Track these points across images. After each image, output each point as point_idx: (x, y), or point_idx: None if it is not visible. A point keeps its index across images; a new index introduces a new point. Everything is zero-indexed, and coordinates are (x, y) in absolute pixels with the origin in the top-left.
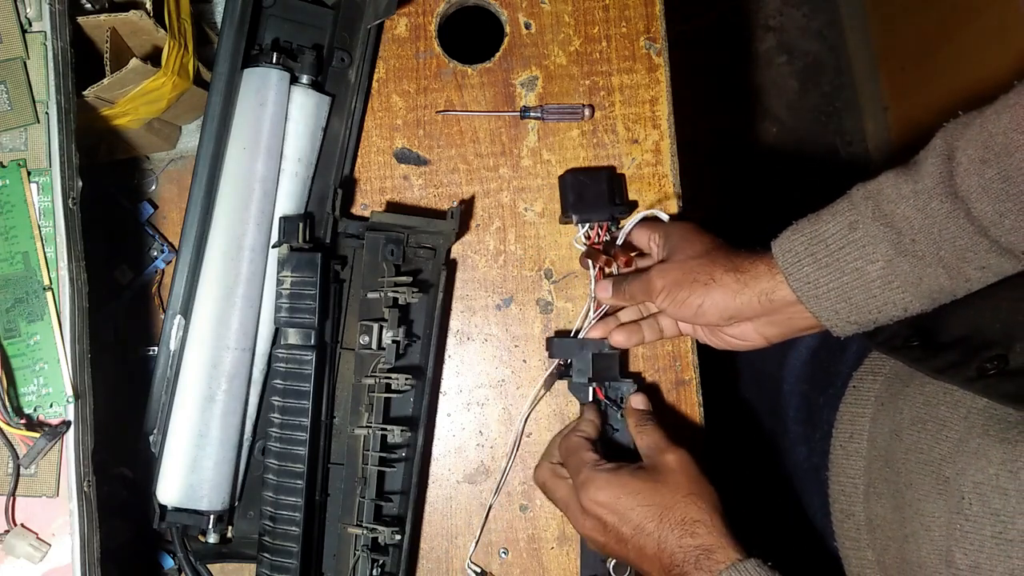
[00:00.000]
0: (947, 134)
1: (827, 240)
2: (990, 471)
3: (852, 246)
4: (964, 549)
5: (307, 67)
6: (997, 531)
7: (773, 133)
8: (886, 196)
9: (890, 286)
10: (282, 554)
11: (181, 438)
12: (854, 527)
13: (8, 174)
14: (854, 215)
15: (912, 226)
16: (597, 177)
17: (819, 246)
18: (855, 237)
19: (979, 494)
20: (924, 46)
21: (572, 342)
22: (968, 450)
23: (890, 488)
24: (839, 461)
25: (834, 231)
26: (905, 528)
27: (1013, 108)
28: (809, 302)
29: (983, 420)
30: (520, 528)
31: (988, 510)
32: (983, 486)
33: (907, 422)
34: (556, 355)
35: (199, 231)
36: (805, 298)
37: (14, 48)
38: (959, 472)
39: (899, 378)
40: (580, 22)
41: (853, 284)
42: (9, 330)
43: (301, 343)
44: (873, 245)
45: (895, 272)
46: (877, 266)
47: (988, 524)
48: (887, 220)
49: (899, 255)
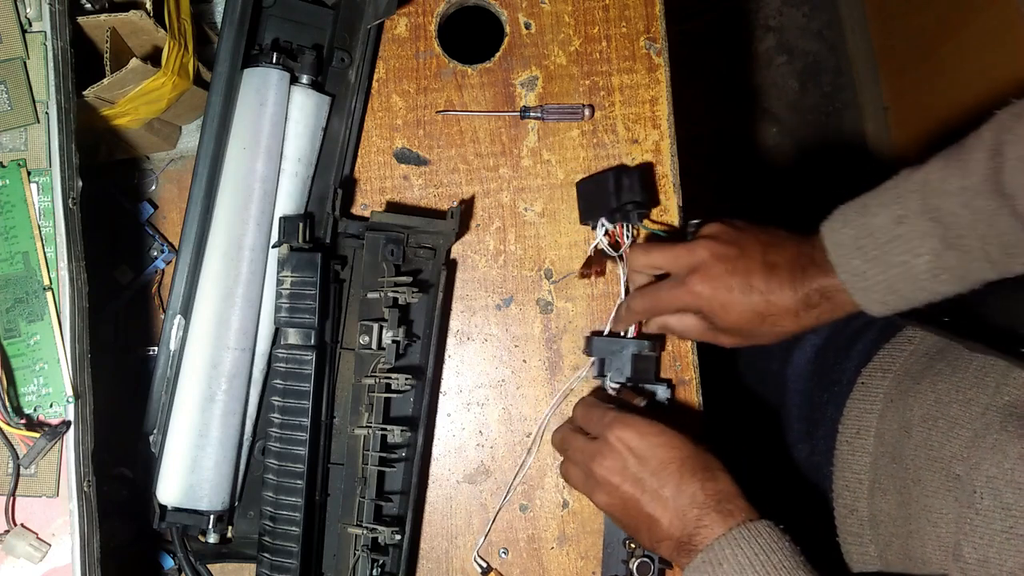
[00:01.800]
0: (997, 125)
1: (875, 233)
2: (1006, 465)
3: (899, 240)
4: (973, 543)
5: (307, 67)
6: (1008, 525)
7: (773, 133)
8: (933, 189)
9: (937, 279)
10: (282, 554)
11: (181, 438)
12: (857, 522)
13: (8, 174)
14: (901, 208)
15: (959, 222)
16: (605, 177)
17: (867, 240)
18: (902, 231)
19: (992, 488)
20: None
21: (612, 341)
22: (984, 445)
23: (896, 484)
24: (844, 457)
25: (881, 224)
26: (910, 524)
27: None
28: (857, 295)
29: (1001, 417)
30: (520, 528)
31: (1000, 504)
32: (997, 480)
33: (917, 419)
34: (594, 354)
35: (199, 231)
36: (854, 291)
37: (14, 48)
38: (972, 467)
39: (910, 376)
40: (580, 22)
41: (900, 276)
42: (9, 330)
43: (301, 343)
44: (920, 240)
45: (942, 266)
46: (924, 260)
47: (999, 518)
48: (934, 215)
49: (946, 249)
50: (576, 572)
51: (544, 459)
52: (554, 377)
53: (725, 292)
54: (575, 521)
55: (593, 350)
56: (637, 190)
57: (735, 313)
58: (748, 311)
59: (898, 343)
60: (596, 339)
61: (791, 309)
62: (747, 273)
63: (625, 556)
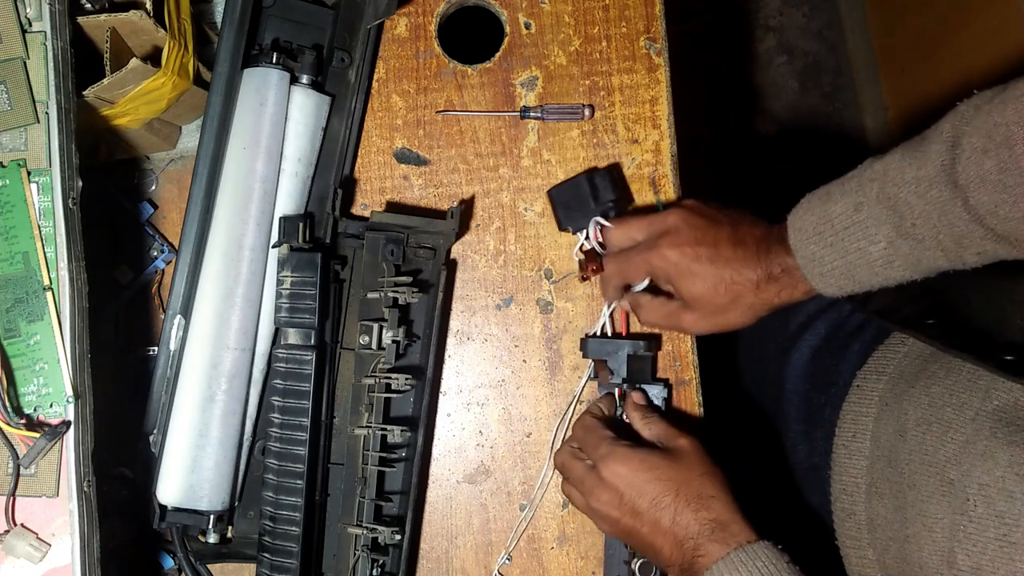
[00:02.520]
0: (957, 118)
1: (833, 220)
2: (997, 473)
3: (856, 227)
4: (967, 551)
5: (307, 67)
6: (1001, 533)
7: (773, 133)
8: (891, 179)
9: (891, 265)
10: (282, 554)
11: (181, 438)
12: (855, 526)
13: (8, 174)
14: (860, 196)
15: (913, 211)
16: (578, 182)
17: (826, 226)
18: (860, 218)
19: (984, 496)
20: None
21: (607, 342)
22: (975, 452)
23: (892, 488)
24: (841, 460)
25: (841, 211)
26: (907, 528)
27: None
28: (813, 279)
29: (991, 423)
30: (520, 529)
31: (993, 512)
32: (989, 488)
33: (912, 423)
34: (590, 355)
35: (199, 231)
36: (810, 275)
37: (14, 48)
38: (964, 474)
39: (904, 378)
40: (580, 22)
41: (856, 263)
42: (9, 330)
43: (301, 343)
44: (876, 227)
45: (896, 253)
46: (879, 247)
47: (992, 526)
48: (890, 203)
49: (900, 237)
50: (576, 572)
51: (544, 460)
52: (554, 377)
53: (693, 258)
54: (575, 521)
55: (588, 351)
56: (612, 189)
57: (700, 280)
58: (713, 278)
59: (892, 345)
60: (591, 340)
61: (753, 280)
62: (715, 242)
63: (627, 556)
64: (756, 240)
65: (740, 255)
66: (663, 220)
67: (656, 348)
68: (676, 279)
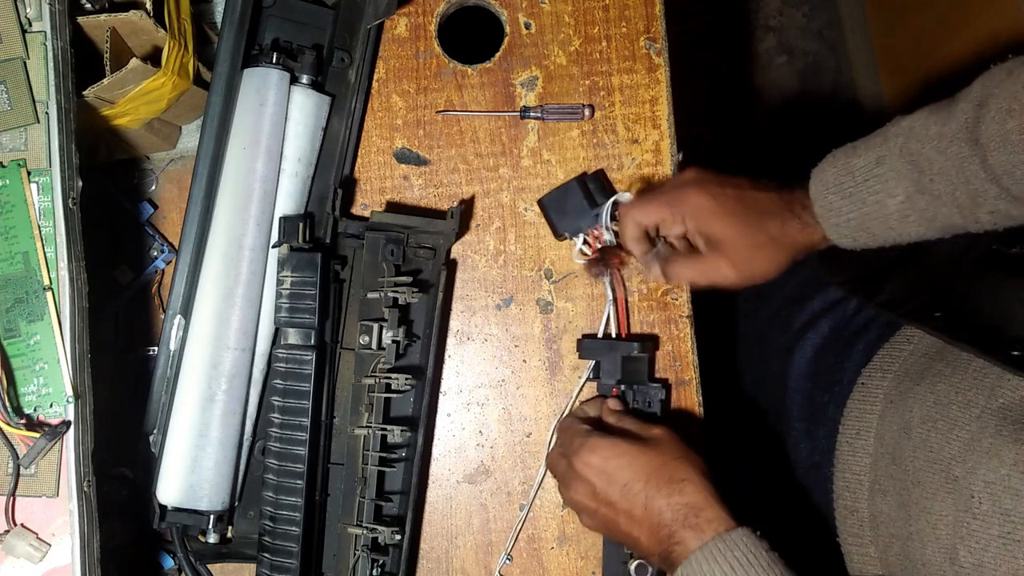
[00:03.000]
0: (987, 79)
1: (855, 172)
2: (1002, 471)
3: (876, 179)
4: (969, 547)
5: (307, 67)
6: (1006, 531)
7: (773, 133)
8: (915, 135)
9: (907, 220)
10: (282, 554)
11: (181, 438)
12: (857, 523)
13: (8, 174)
14: (883, 150)
15: (932, 166)
16: (569, 188)
17: (847, 177)
18: (880, 171)
19: (990, 494)
20: (924, 46)
21: (602, 343)
22: (980, 449)
23: (896, 486)
24: (845, 457)
25: (863, 164)
26: (910, 526)
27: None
28: (830, 230)
29: (996, 420)
30: (519, 528)
31: (998, 510)
32: (994, 486)
33: (917, 420)
34: (585, 356)
35: (199, 231)
36: (826, 225)
37: (14, 48)
38: (969, 471)
39: (909, 376)
40: (580, 22)
41: (872, 215)
42: (9, 330)
43: (301, 343)
44: (896, 180)
45: (913, 207)
46: (896, 200)
47: (996, 524)
48: (911, 158)
49: (918, 192)
50: (576, 572)
51: (544, 460)
52: (554, 377)
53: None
54: (575, 521)
55: (584, 352)
56: (604, 192)
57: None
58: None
59: (897, 342)
60: (587, 341)
61: (776, 211)
62: (738, 185)
63: (624, 558)
64: (777, 187)
65: (763, 196)
66: (681, 177)
67: (654, 348)
68: (705, 221)
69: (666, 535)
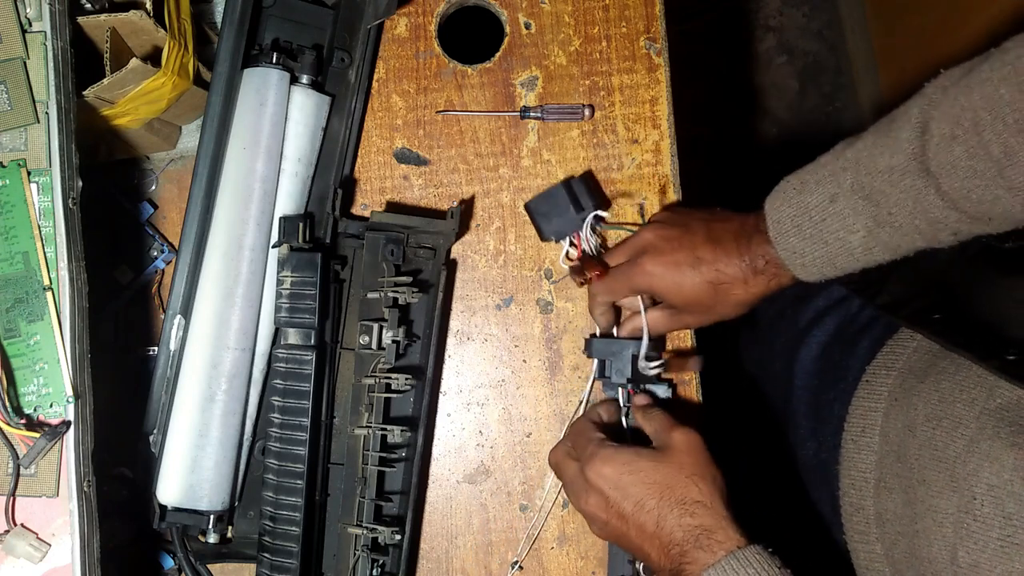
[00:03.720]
0: (925, 101)
1: (811, 211)
2: (1004, 476)
3: (834, 217)
4: (968, 548)
5: (307, 67)
6: (1006, 534)
7: (773, 133)
8: (864, 167)
9: (871, 252)
10: (282, 554)
11: (181, 438)
12: (863, 521)
13: (8, 174)
14: (834, 187)
15: (888, 200)
16: (554, 192)
17: (804, 218)
18: (836, 209)
19: (993, 497)
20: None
21: (611, 342)
22: (980, 451)
23: (901, 483)
24: (850, 455)
25: (817, 202)
26: (916, 524)
27: (984, 84)
28: (796, 270)
29: (994, 422)
30: (520, 528)
31: (1000, 512)
32: (998, 489)
33: (921, 418)
34: (594, 355)
35: (199, 231)
36: (792, 267)
37: (14, 48)
38: (972, 473)
39: (913, 373)
40: (580, 22)
41: (837, 252)
42: (9, 330)
43: (301, 343)
44: (854, 216)
45: (875, 240)
46: (858, 236)
47: (997, 526)
48: (865, 193)
49: (878, 226)
50: (576, 572)
51: (545, 459)
52: (554, 377)
53: (674, 268)
54: (575, 521)
55: (593, 352)
56: (591, 195)
57: (687, 287)
58: (699, 283)
59: (901, 339)
60: (596, 340)
61: (739, 276)
62: (693, 247)
63: (631, 556)
64: (734, 235)
65: (720, 254)
66: (638, 240)
67: (661, 348)
68: (663, 292)
69: (677, 553)
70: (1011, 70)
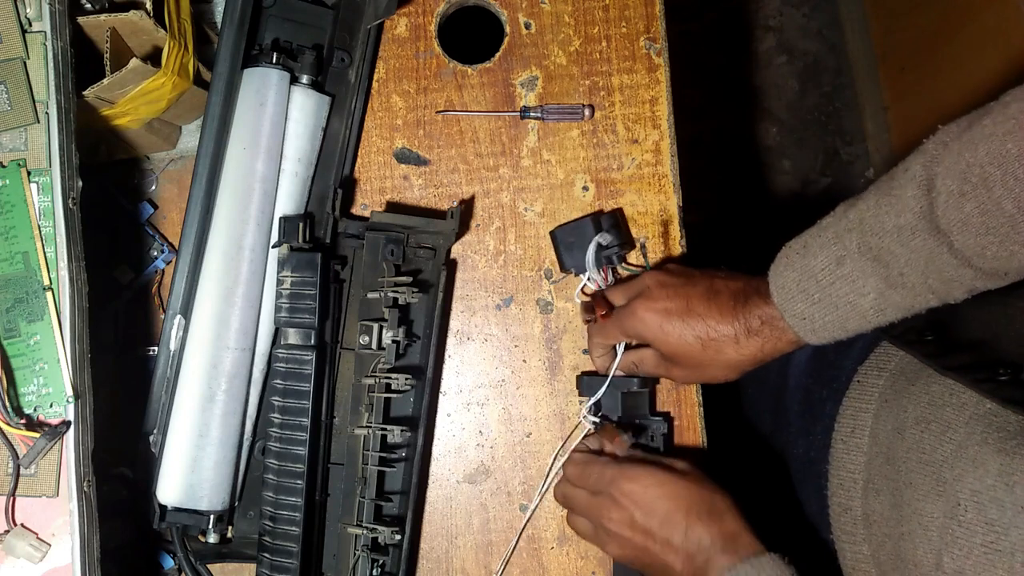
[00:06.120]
0: (926, 158)
1: (816, 275)
2: (987, 481)
3: (842, 281)
4: (952, 554)
5: (307, 67)
6: (989, 540)
7: (773, 133)
8: (870, 228)
9: (883, 313)
10: (282, 554)
11: (181, 438)
12: (851, 521)
13: (8, 174)
14: (840, 249)
15: (898, 260)
16: (581, 224)
17: (810, 282)
18: (844, 272)
19: (976, 502)
20: (924, 46)
21: (601, 380)
22: (966, 457)
23: (889, 485)
24: (839, 455)
25: (823, 266)
26: (902, 526)
27: (989, 139)
28: (807, 336)
29: (983, 427)
30: (520, 528)
31: (983, 519)
32: (981, 495)
33: (911, 421)
34: (585, 393)
35: (199, 231)
36: (802, 332)
37: (14, 48)
38: (957, 478)
39: (904, 375)
40: (580, 22)
41: (848, 315)
42: (9, 330)
43: (301, 343)
44: (863, 279)
45: (887, 302)
46: (869, 299)
47: (981, 532)
48: (873, 254)
49: (889, 287)
50: (576, 572)
51: (544, 459)
52: (554, 377)
53: (664, 315)
54: None
55: (584, 389)
56: (617, 234)
57: (674, 337)
58: (689, 335)
59: None
60: (587, 378)
61: (731, 335)
62: (688, 298)
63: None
64: (732, 293)
65: (714, 310)
66: (638, 283)
67: (652, 384)
68: (652, 339)
69: (703, 560)
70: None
